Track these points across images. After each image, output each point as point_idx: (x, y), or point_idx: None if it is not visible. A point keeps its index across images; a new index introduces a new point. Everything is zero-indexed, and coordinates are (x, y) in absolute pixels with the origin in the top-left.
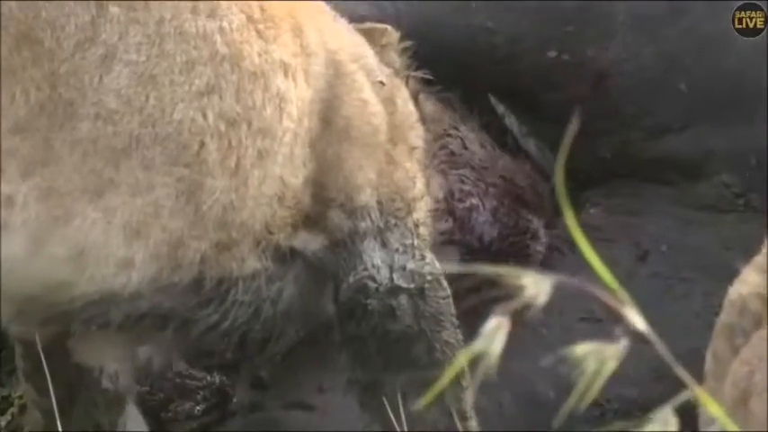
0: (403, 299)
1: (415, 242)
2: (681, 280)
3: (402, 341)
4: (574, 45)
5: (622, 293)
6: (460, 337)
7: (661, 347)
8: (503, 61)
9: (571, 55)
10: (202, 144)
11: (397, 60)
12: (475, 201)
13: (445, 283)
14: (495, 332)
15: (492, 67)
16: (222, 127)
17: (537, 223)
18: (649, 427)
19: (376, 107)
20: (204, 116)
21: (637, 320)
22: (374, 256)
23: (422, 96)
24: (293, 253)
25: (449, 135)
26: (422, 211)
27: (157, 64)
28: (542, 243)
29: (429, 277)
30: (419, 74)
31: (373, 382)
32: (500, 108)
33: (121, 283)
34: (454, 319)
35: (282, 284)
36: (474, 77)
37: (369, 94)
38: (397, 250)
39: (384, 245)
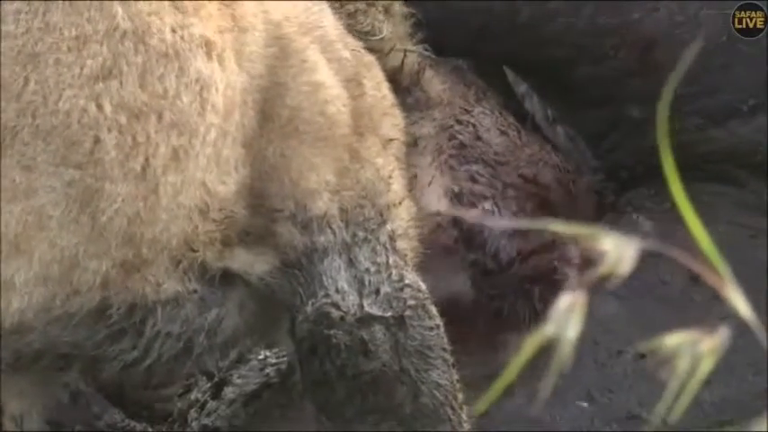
0: (377, 330)
1: (391, 259)
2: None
3: (379, 384)
4: (614, 5)
5: (725, 270)
6: (456, 377)
7: (765, 339)
8: (525, 26)
9: (611, 17)
10: (97, 140)
11: (385, 25)
12: (488, 205)
13: (433, 311)
14: (569, 313)
15: (511, 33)
16: (123, 119)
17: (567, 237)
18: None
19: (333, 91)
20: (99, 106)
21: (741, 305)
22: (338, 278)
23: (428, 74)
24: (228, 275)
25: (459, 122)
26: (400, 219)
27: (40, 39)
28: (574, 264)
29: (411, 302)
30: (417, 49)
31: None
32: (521, 86)
33: (1, 311)
34: (447, 356)
35: (221, 312)
36: (488, 47)
37: (324, 75)
38: (367, 270)
39: (351, 264)
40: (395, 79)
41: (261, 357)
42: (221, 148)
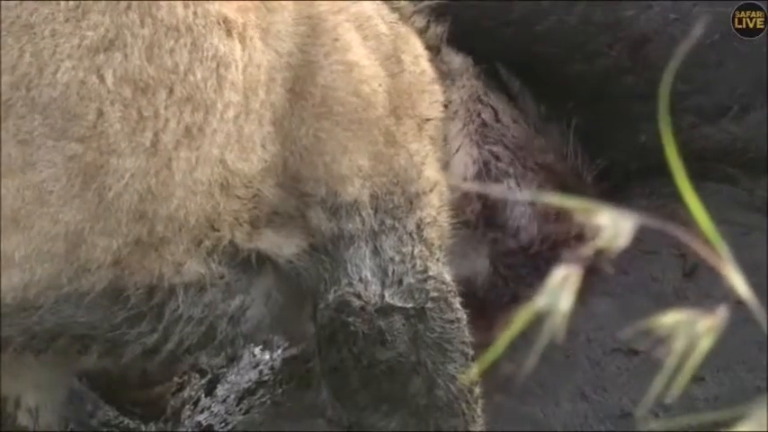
0: (397, 320)
1: (416, 250)
2: (739, 303)
3: (394, 374)
4: (608, 2)
5: (724, 249)
6: (475, 371)
7: (765, 321)
8: (517, 22)
9: (604, 14)
10: (100, 113)
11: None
12: (512, 183)
13: (456, 304)
14: (562, 285)
15: (503, 30)
16: (127, 92)
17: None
18: (741, 426)
19: (369, 71)
20: (100, 77)
21: (739, 285)
22: (363, 267)
23: (445, 49)
24: (260, 259)
25: (480, 101)
26: (430, 207)
27: (35, 10)
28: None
29: (433, 294)
30: (432, 2)
31: (357, 425)
32: (514, 84)
33: (2, 286)
34: (466, 349)
35: (246, 300)
36: (480, 43)
37: (358, 54)
38: (392, 260)
39: (376, 252)
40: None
41: (254, 355)
42: (243, 125)
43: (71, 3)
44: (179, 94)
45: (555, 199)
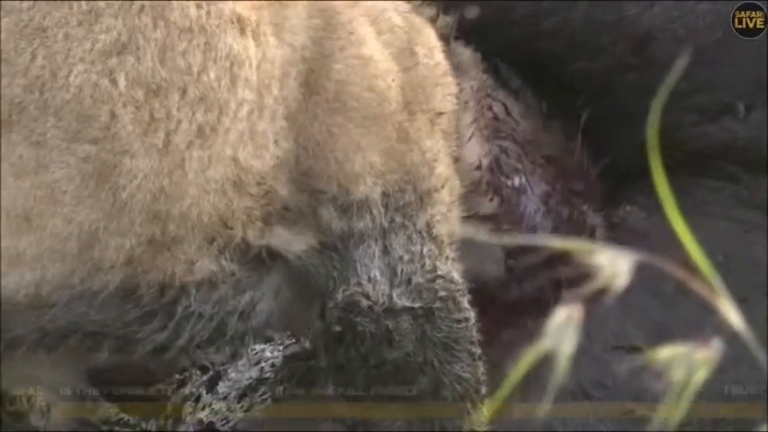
0: (404, 320)
1: (425, 249)
2: (741, 301)
3: (401, 373)
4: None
5: (717, 283)
6: (482, 370)
7: (762, 354)
8: (520, 21)
9: (606, 13)
10: (113, 115)
11: None
12: (522, 180)
13: (464, 303)
14: (565, 326)
15: (506, 27)
16: (139, 95)
17: (593, 218)
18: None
19: (383, 65)
20: (113, 81)
21: (733, 317)
22: (372, 266)
23: (454, 43)
24: (271, 255)
25: (489, 95)
26: (440, 205)
27: (48, 14)
28: None
29: (442, 294)
30: None
31: (363, 424)
32: (515, 81)
33: (13, 284)
34: (473, 349)
35: (255, 295)
36: (484, 41)
37: (373, 48)
38: (401, 259)
39: (386, 251)
40: None
41: (255, 352)
42: (256, 122)
43: (84, 6)
44: (192, 95)
45: (554, 242)
